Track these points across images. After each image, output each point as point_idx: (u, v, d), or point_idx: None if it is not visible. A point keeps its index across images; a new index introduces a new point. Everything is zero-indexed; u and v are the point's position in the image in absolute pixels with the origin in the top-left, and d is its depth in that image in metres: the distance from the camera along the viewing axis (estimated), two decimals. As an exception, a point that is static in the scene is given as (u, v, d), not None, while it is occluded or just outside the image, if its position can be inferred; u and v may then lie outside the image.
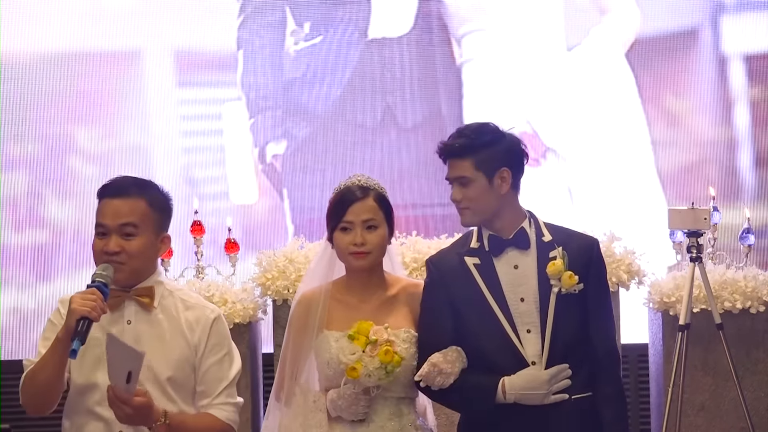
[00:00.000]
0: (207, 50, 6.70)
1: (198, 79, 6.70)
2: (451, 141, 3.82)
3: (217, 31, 6.67)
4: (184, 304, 3.68)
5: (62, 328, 3.47)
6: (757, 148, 6.64)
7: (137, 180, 3.68)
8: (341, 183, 3.94)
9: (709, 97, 6.67)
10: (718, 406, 5.74)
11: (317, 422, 3.83)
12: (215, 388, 3.65)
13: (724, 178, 6.59)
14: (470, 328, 3.80)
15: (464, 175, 3.80)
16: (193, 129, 6.77)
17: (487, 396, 3.75)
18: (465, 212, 3.83)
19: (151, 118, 6.68)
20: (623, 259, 5.71)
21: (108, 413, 3.52)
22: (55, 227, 6.60)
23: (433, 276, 3.88)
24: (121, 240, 3.56)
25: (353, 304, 3.90)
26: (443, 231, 5.90)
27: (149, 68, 6.67)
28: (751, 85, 6.65)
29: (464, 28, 6.65)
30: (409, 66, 6.62)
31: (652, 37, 6.65)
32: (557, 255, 3.78)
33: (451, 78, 6.65)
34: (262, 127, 6.68)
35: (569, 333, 3.77)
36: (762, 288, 5.69)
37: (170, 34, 6.66)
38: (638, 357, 6.25)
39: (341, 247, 3.87)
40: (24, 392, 3.59)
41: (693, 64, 6.67)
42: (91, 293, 3.46)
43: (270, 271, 5.73)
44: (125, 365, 3.41)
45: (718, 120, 6.67)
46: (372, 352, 3.75)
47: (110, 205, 3.60)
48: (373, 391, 3.81)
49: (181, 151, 6.74)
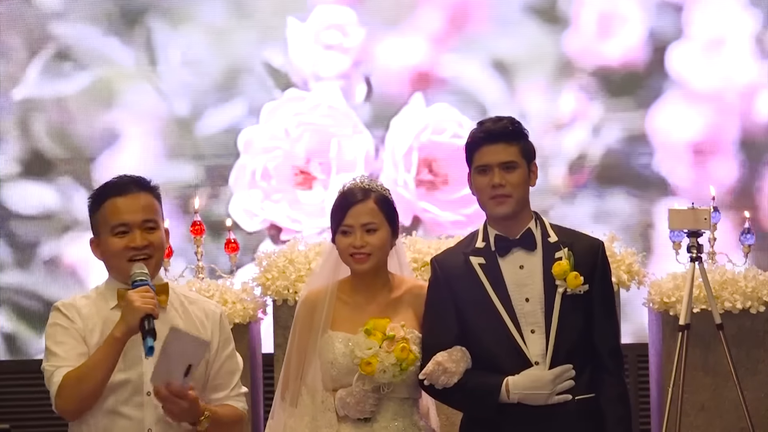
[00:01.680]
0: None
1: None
2: (498, 125, 3.79)
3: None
4: (187, 299, 3.69)
5: (118, 328, 3.45)
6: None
7: (137, 177, 3.68)
8: (344, 185, 3.94)
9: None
10: (718, 406, 5.75)
11: (327, 422, 3.83)
12: (231, 381, 3.68)
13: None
14: (474, 327, 3.79)
15: (513, 160, 3.77)
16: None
17: (491, 396, 3.74)
18: (506, 200, 3.77)
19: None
20: (623, 259, 5.71)
21: (135, 412, 3.52)
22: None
23: (438, 275, 3.87)
24: (146, 234, 3.57)
25: (358, 304, 3.90)
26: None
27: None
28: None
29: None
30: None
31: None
32: (563, 256, 3.78)
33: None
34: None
35: (573, 334, 3.77)
36: (762, 288, 5.70)
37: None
38: (638, 357, 6.26)
39: (342, 250, 3.88)
40: (67, 397, 3.49)
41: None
42: (146, 290, 3.47)
43: (270, 271, 5.73)
44: (185, 358, 3.41)
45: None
46: (389, 348, 3.75)
47: (125, 202, 3.58)
48: (383, 390, 3.81)
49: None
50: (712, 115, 6.62)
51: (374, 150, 6.62)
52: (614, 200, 6.56)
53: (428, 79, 6.63)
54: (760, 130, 6.60)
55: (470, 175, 3.85)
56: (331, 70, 6.63)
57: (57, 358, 3.53)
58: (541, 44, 6.58)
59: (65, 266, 6.64)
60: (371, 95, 6.65)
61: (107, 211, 3.58)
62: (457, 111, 6.57)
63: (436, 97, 6.61)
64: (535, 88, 6.59)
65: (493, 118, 3.85)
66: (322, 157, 6.61)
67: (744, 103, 6.61)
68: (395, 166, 6.59)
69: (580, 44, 6.60)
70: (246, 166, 6.64)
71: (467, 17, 6.62)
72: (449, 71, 6.62)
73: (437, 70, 6.63)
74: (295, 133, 6.61)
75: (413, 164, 6.60)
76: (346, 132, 6.62)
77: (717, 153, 6.61)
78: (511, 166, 3.77)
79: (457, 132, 6.52)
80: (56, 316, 3.59)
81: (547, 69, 6.59)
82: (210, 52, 6.64)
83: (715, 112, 6.62)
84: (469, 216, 6.42)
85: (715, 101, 6.61)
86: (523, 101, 6.57)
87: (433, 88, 6.61)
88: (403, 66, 6.63)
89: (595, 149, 6.56)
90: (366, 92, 6.65)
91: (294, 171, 6.63)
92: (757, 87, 6.60)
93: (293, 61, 6.62)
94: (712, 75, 6.60)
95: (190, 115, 6.65)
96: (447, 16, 6.61)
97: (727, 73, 6.60)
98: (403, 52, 6.62)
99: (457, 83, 6.61)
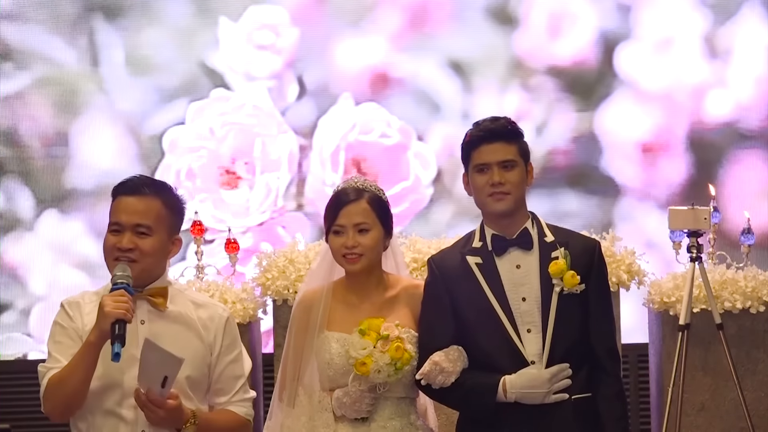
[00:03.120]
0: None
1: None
2: (496, 124, 3.81)
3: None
4: (194, 303, 3.69)
5: (93, 333, 3.47)
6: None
7: (154, 180, 3.72)
8: (338, 185, 3.95)
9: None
10: (718, 406, 5.74)
11: (324, 422, 3.84)
12: (233, 386, 3.69)
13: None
14: (471, 327, 3.80)
15: (512, 158, 3.79)
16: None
17: (488, 395, 3.75)
18: (507, 197, 3.79)
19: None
20: (623, 259, 5.71)
21: (129, 413, 3.54)
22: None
23: (435, 275, 3.87)
24: (134, 237, 3.57)
25: (354, 304, 3.90)
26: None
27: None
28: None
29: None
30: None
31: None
32: (559, 255, 3.78)
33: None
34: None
35: (570, 333, 3.77)
36: (762, 288, 5.69)
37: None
38: (638, 357, 6.25)
39: (334, 250, 3.89)
40: (49, 399, 3.53)
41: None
42: (120, 295, 3.47)
43: (270, 271, 5.73)
44: (161, 370, 3.43)
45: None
46: (383, 348, 3.75)
47: (126, 202, 3.60)
48: (379, 389, 3.81)
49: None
50: (661, 115, 6.63)
51: (299, 149, 6.61)
52: (567, 199, 6.58)
53: (383, 79, 6.62)
54: (709, 129, 6.61)
55: (466, 175, 3.86)
56: (263, 70, 6.63)
57: (51, 358, 3.56)
58: (495, 44, 6.59)
59: (6, 267, 6.61)
60: (304, 95, 6.64)
61: (113, 207, 3.63)
62: (386, 111, 6.57)
63: (386, 97, 6.61)
64: (487, 87, 6.59)
65: (490, 117, 3.86)
66: (247, 156, 6.61)
67: (693, 102, 6.62)
68: (322, 166, 6.59)
69: (531, 44, 6.61)
70: (171, 166, 6.61)
71: (426, 17, 6.62)
72: (403, 71, 6.62)
73: (391, 70, 6.62)
74: (220, 132, 6.61)
75: (340, 164, 6.59)
76: (271, 132, 6.61)
77: (666, 152, 6.62)
78: (510, 165, 3.79)
79: (386, 132, 6.53)
80: (59, 314, 3.63)
81: (498, 69, 6.59)
82: (156, 52, 6.65)
83: (665, 111, 6.63)
84: (397, 215, 6.43)
85: (665, 101, 6.62)
86: (473, 101, 6.57)
87: (382, 87, 6.61)
88: (346, 65, 6.63)
89: (541, 148, 6.55)
90: (298, 92, 6.65)
91: (219, 171, 6.63)
92: (706, 87, 6.61)
93: (226, 61, 6.63)
94: (661, 75, 6.61)
95: (135, 115, 6.65)
96: (406, 16, 6.62)
97: (677, 73, 6.62)
98: (358, 52, 6.62)
99: (413, 83, 6.62)
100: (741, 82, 6.62)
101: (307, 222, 6.60)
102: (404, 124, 6.54)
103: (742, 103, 6.63)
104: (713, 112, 6.62)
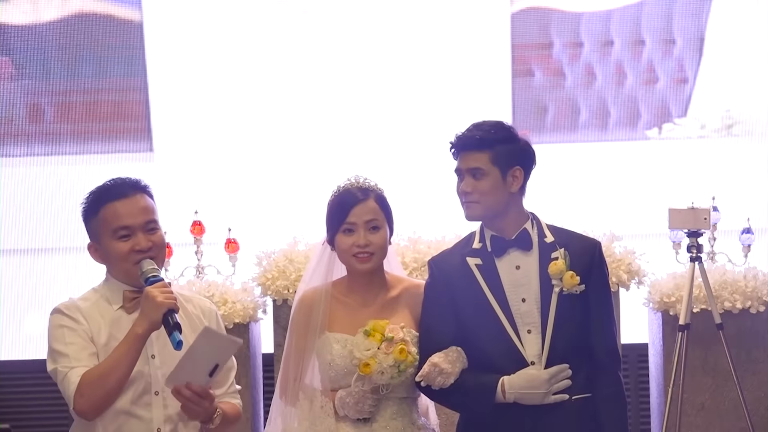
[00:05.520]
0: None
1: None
2: (470, 133, 3.82)
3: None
4: (183, 297, 3.70)
5: (141, 324, 3.44)
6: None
7: (133, 179, 3.67)
8: (339, 185, 3.93)
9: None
10: (718, 406, 5.75)
11: (325, 428, 3.84)
12: (228, 378, 3.71)
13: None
14: (471, 328, 3.80)
15: (479, 167, 3.79)
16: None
17: (487, 395, 3.75)
18: (472, 206, 3.82)
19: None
20: (623, 259, 5.71)
21: (145, 412, 3.53)
22: None
23: (435, 276, 3.88)
24: (148, 235, 3.58)
25: (355, 305, 3.90)
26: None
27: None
28: None
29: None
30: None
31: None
32: (559, 256, 3.78)
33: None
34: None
35: (570, 333, 3.77)
36: (762, 288, 5.70)
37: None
38: (638, 357, 6.26)
39: (344, 250, 3.86)
40: (85, 395, 3.45)
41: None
42: (163, 286, 3.47)
43: (270, 270, 5.73)
44: (214, 358, 3.41)
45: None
46: (387, 349, 3.76)
47: (125, 205, 3.58)
48: (382, 390, 3.81)
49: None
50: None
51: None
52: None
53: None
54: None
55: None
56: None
57: (68, 359, 3.50)
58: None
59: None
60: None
61: (107, 215, 3.58)
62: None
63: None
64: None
65: (477, 123, 3.86)
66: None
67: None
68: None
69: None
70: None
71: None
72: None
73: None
74: None
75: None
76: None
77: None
78: (479, 173, 3.80)
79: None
80: (60, 319, 3.57)
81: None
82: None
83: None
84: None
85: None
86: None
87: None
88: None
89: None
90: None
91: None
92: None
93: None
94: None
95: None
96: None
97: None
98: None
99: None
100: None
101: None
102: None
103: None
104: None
